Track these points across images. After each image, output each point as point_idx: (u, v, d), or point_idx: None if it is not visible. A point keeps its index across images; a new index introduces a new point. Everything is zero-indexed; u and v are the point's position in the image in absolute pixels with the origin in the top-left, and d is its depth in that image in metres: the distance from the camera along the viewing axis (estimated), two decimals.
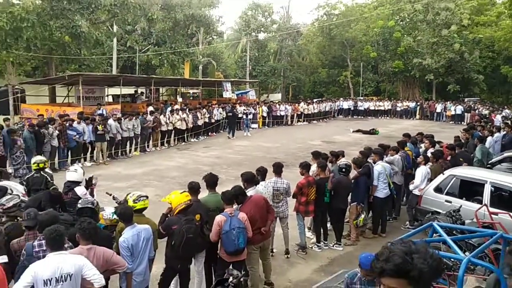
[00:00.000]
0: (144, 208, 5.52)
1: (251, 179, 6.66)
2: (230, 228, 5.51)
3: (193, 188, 6.04)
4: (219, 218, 5.61)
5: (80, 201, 5.53)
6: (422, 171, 9.14)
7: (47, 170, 8.44)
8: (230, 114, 23.65)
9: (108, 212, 6.52)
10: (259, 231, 6.10)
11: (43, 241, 4.49)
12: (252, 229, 5.88)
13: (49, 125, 13.89)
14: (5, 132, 12.97)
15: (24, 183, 9.13)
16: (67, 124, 14.50)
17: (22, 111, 20.48)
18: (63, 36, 21.96)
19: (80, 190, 6.61)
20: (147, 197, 5.64)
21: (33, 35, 19.55)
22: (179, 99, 28.94)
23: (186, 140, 20.81)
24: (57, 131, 13.88)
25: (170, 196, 5.70)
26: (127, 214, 5.06)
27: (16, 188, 8.94)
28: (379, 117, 36.37)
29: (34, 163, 8.20)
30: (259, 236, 6.15)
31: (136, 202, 5.45)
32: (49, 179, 8.21)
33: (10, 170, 12.97)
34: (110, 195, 7.20)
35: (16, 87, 21.65)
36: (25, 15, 18.23)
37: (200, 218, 5.70)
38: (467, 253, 4.74)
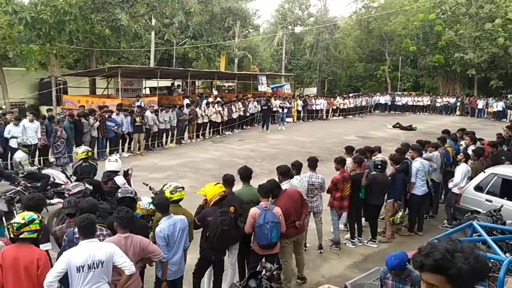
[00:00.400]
0: (181, 199, 5.62)
1: (286, 172, 6.66)
2: (264, 222, 5.54)
3: (228, 181, 6.09)
4: (253, 210, 5.65)
5: (120, 190, 5.68)
6: (462, 169, 8.87)
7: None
8: (265, 107, 23.69)
9: (144, 202, 6.70)
10: (293, 225, 6.11)
11: None
12: (286, 223, 5.89)
13: (90, 116, 14.32)
14: (47, 121, 13.49)
15: (66, 171, 9.51)
16: (106, 116, 14.90)
17: (64, 102, 21.23)
18: (103, 29, 22.53)
19: (119, 180, 6.80)
20: (183, 188, 5.73)
21: (75, 28, 20.14)
22: (215, 92, 29.20)
23: (221, 133, 20.99)
24: (97, 122, 14.30)
25: (205, 188, 5.78)
26: (164, 204, 5.16)
27: (58, 176, 9.33)
28: (418, 113, 35.50)
29: (83, 152, 8.45)
30: (293, 230, 6.16)
31: (173, 193, 5.55)
32: (97, 167, 8.50)
33: (51, 159, 13.50)
34: (147, 185, 7.37)
35: (59, 78, 22.41)
36: (68, 8, 18.78)
37: (235, 211, 5.75)
38: (507, 254, 4.58)
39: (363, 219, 8.42)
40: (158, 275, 5.09)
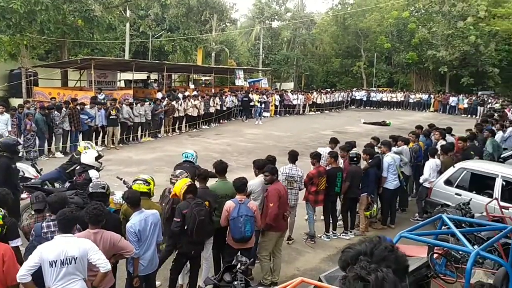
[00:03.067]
0: (145, 192, 5.45)
1: (263, 166, 6.71)
2: (238, 215, 5.56)
3: (201, 175, 6.06)
4: (228, 204, 5.67)
5: (91, 184, 5.53)
6: (430, 165, 9.07)
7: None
8: (246, 99, 24.17)
9: (118, 196, 6.58)
10: (282, 216, 6.19)
11: (51, 223, 4.56)
12: (282, 216, 6.06)
13: (63, 109, 14.03)
14: (22, 114, 13.12)
15: (36, 165, 9.29)
16: (79, 108, 14.61)
17: (35, 94, 20.73)
18: (76, 19, 22.05)
19: (92, 173, 6.67)
20: (146, 181, 5.55)
21: (46, 18, 19.66)
22: (191, 86, 28.97)
23: (197, 127, 20.88)
24: (65, 115, 13.98)
25: (174, 187, 5.72)
26: (134, 198, 5.06)
27: (28, 170, 9.09)
28: (392, 109, 36.09)
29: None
30: (283, 222, 6.28)
31: (133, 184, 5.50)
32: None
33: (21, 152, 13.15)
34: (121, 179, 7.26)
35: (29, 70, 21.84)
36: None
37: (209, 205, 5.73)
38: (476, 246, 4.71)
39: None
40: (130, 270, 5.00)
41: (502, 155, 11.35)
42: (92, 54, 25.87)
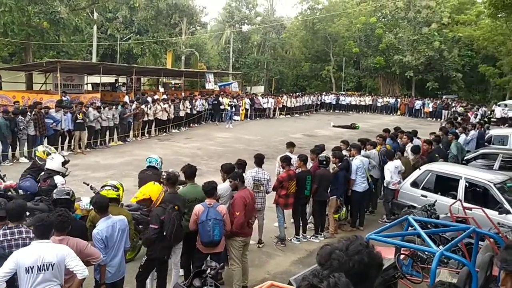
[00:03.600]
0: (113, 198, 5.36)
1: (230, 170, 6.66)
2: (206, 219, 5.52)
3: (171, 180, 5.99)
4: (197, 207, 5.63)
5: (55, 191, 5.37)
6: (388, 168, 9.27)
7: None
8: (216, 102, 24.31)
9: (84, 202, 6.45)
10: (247, 224, 6.16)
11: (8, 231, 4.41)
12: (248, 222, 6.04)
13: (28, 113, 13.60)
14: None
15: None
16: (44, 112, 14.20)
17: None
18: (41, 21, 21.54)
19: (58, 179, 6.50)
20: (115, 187, 5.47)
21: (10, 20, 19.12)
22: (161, 89, 28.69)
23: (167, 131, 20.66)
24: (30, 119, 13.55)
25: (145, 191, 5.56)
26: (102, 203, 4.95)
27: None
28: (360, 112, 36.72)
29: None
30: (248, 228, 6.23)
31: (101, 190, 5.41)
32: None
33: None
34: (88, 185, 7.10)
35: None
36: None
37: (178, 209, 5.67)
38: (440, 247, 4.83)
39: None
40: (97, 278, 4.86)
41: (465, 157, 11.71)
42: (58, 57, 25.30)
